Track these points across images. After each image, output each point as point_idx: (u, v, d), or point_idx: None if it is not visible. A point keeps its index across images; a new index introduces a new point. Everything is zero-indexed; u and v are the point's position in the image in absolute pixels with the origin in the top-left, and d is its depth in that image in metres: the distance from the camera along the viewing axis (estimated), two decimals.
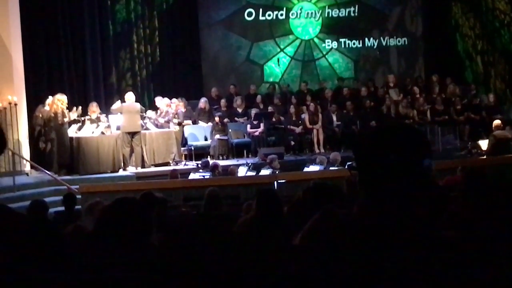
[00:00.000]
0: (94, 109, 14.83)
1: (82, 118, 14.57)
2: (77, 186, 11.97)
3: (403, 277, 1.67)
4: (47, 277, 2.16)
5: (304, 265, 1.75)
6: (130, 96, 14.67)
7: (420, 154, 1.87)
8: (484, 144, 14.04)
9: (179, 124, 15.80)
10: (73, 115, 14.15)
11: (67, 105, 14.03)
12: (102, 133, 14.44)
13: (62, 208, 9.17)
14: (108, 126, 14.66)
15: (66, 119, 13.87)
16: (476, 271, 1.67)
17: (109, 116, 14.82)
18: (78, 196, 9.97)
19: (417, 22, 20.90)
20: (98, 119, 14.65)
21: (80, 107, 14.34)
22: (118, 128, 14.72)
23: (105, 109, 15.41)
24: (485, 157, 13.58)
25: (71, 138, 14.00)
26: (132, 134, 14.32)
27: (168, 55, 18.50)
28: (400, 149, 1.84)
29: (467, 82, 19.95)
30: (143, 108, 15.13)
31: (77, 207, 8.88)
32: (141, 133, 14.61)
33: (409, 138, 1.88)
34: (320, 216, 1.82)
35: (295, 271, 1.70)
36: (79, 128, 14.45)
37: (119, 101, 14.81)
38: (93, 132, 14.32)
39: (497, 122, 13.89)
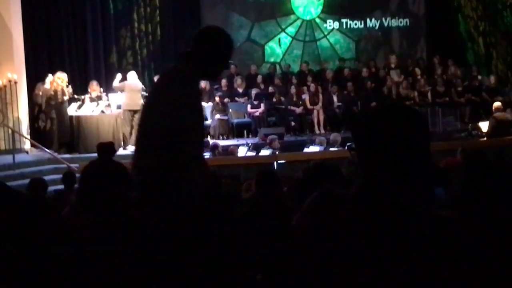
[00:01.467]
0: (94, 87, 14.83)
1: (82, 97, 14.55)
2: (77, 165, 11.97)
3: (402, 257, 1.67)
4: (46, 255, 2.16)
5: (302, 244, 1.75)
6: (132, 75, 14.69)
7: (420, 136, 1.86)
8: (484, 126, 14.04)
9: None
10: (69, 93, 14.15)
11: (67, 83, 14.02)
12: (102, 112, 14.44)
13: (61, 187, 9.18)
14: (108, 105, 14.66)
15: (66, 97, 13.87)
16: (475, 252, 1.67)
17: (109, 94, 14.80)
18: (78, 175, 9.97)
19: (420, 2, 20.81)
20: (98, 98, 14.64)
21: (70, 87, 14.25)
22: (118, 107, 14.70)
23: (106, 87, 15.38)
24: (485, 139, 13.59)
25: (71, 117, 14.01)
26: (133, 113, 14.29)
27: (169, 34, 18.45)
28: (399, 130, 1.84)
29: (469, 64, 19.90)
30: (144, 87, 15.12)
31: (76, 185, 8.89)
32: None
33: (408, 119, 1.87)
34: (318, 196, 1.82)
35: (293, 250, 1.70)
36: (79, 107, 14.45)
37: (120, 75, 14.78)
38: (93, 111, 14.32)
39: (497, 104, 13.87)
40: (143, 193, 2.96)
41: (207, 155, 12.38)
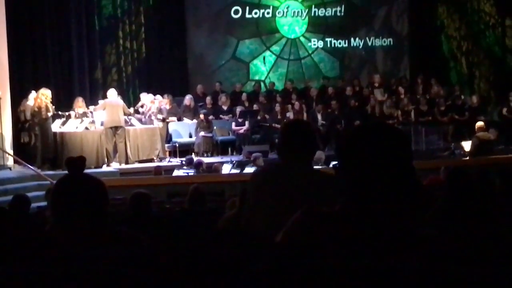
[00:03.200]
0: (80, 104, 14.80)
1: (67, 113, 14.51)
2: None
3: (385, 275, 1.67)
4: (29, 271, 2.15)
5: (285, 262, 1.75)
6: (112, 92, 14.67)
7: (402, 154, 1.87)
8: (467, 145, 14.13)
9: (163, 120, 15.78)
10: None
11: (51, 100, 13.96)
12: (86, 128, 14.39)
13: (45, 203, 9.11)
14: (93, 122, 14.61)
15: (50, 114, 13.81)
16: (458, 269, 1.68)
17: (95, 112, 14.75)
18: None
19: (403, 22, 20.99)
20: (83, 114, 14.60)
21: (52, 107, 14.19)
22: (102, 124, 14.67)
23: (90, 104, 15.36)
24: (468, 158, 13.67)
25: (55, 133, 13.95)
26: (115, 129, 14.26)
27: (154, 51, 18.47)
28: (382, 148, 1.85)
29: (452, 83, 20.05)
30: (126, 107, 15.05)
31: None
32: (126, 129, 14.56)
33: (391, 137, 1.88)
34: (302, 213, 1.82)
35: (277, 268, 1.70)
36: (64, 123, 14.39)
37: (101, 101, 14.81)
38: (77, 127, 14.27)
39: (480, 123, 13.97)
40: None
41: (191, 172, 12.37)
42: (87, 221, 2.63)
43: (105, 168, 13.97)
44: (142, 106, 16.06)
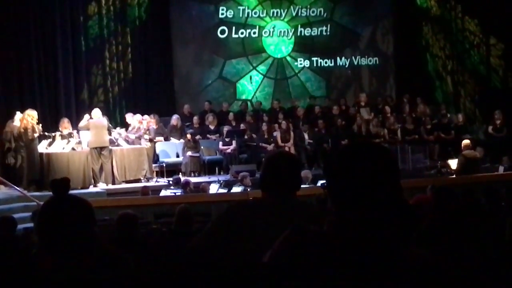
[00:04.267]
0: (65, 125, 14.78)
1: (53, 134, 14.46)
2: None
3: None
4: None
5: (273, 282, 1.75)
6: (96, 113, 14.63)
7: (389, 173, 1.88)
8: (453, 163, 14.18)
9: (151, 140, 15.76)
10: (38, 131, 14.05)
11: (37, 121, 13.92)
12: (73, 149, 14.34)
13: (31, 225, 9.05)
14: (79, 142, 14.56)
15: (36, 135, 13.76)
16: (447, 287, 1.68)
17: (80, 132, 14.71)
18: None
19: (388, 42, 21.12)
20: (69, 135, 14.56)
21: (39, 128, 14.13)
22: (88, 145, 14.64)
23: (77, 125, 15.32)
24: (454, 176, 13.72)
25: (41, 154, 13.89)
26: (100, 149, 14.24)
27: (141, 72, 18.47)
28: (369, 167, 1.85)
29: (437, 102, 20.17)
30: (110, 125, 15.02)
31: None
32: (112, 149, 14.54)
33: (378, 156, 1.89)
34: (290, 233, 1.82)
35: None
36: (50, 144, 14.33)
37: (87, 116, 14.70)
38: (63, 148, 14.22)
39: (466, 141, 14.04)
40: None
41: (178, 192, 12.33)
42: (74, 243, 2.61)
43: (92, 189, 13.91)
44: (129, 127, 16.04)
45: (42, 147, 14.15)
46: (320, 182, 12.15)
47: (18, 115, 13.99)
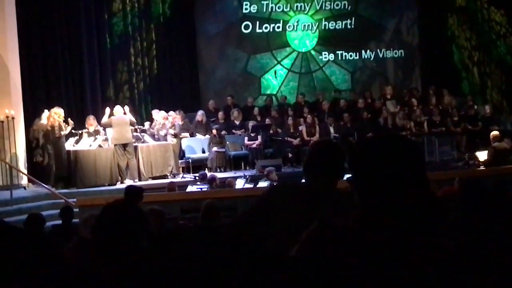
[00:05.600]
0: (91, 122, 14.85)
1: (80, 131, 14.56)
2: (75, 200, 11.94)
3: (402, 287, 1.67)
4: None
5: (300, 276, 1.75)
6: (118, 110, 14.72)
7: (416, 166, 1.87)
8: (481, 155, 14.03)
9: (176, 136, 15.81)
10: (67, 129, 14.14)
11: (64, 118, 14.04)
12: (100, 146, 14.44)
13: (59, 222, 9.14)
14: (106, 139, 14.65)
15: (63, 132, 13.88)
16: (473, 280, 1.67)
17: (107, 129, 14.79)
18: (76, 210, 9.94)
19: (413, 33, 20.97)
20: (96, 132, 14.66)
21: (71, 121, 14.27)
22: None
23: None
24: (482, 168, 13.58)
25: (69, 151, 14.00)
26: (124, 146, 14.33)
27: (166, 68, 18.54)
28: (395, 160, 1.85)
29: (464, 93, 19.98)
30: (134, 120, 15.03)
31: (74, 220, 8.86)
32: (138, 146, 14.64)
33: (404, 149, 1.88)
34: (315, 227, 1.82)
35: (291, 282, 1.70)
36: (77, 141, 14.44)
37: (108, 110, 14.70)
38: (90, 145, 14.32)
39: (495, 133, 13.88)
40: None
41: (205, 187, 12.36)
42: (125, 251, 2.63)
43: (119, 185, 14.00)
44: (152, 124, 16.10)
45: (69, 145, 14.28)
46: (345, 176, 12.12)
47: (45, 113, 14.11)
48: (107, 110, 14.73)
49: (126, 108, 14.96)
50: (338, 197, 3.19)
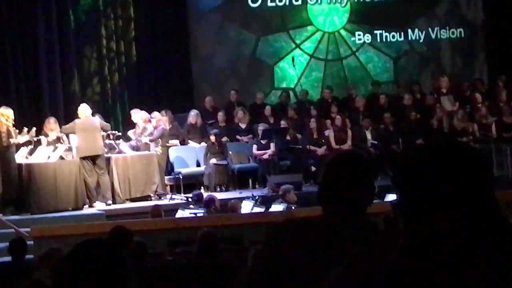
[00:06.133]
0: (52, 126, 14.80)
1: (35, 139, 14.51)
2: (28, 229, 11.93)
3: None
4: None
5: None
6: (84, 109, 14.59)
7: (480, 182, 1.87)
8: None
9: (161, 145, 15.75)
10: (23, 138, 14.11)
11: (13, 122, 14.01)
12: (62, 158, 14.43)
13: (7, 259, 9.15)
14: (69, 149, 14.65)
15: (12, 140, 13.83)
16: None
17: (71, 136, 14.75)
18: (30, 242, 9.94)
19: (476, 7, 20.93)
20: (57, 140, 14.62)
21: (34, 129, 14.26)
22: None
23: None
24: None
25: (20, 165, 13.98)
26: (93, 159, 14.28)
27: (148, 54, 18.54)
28: (453, 174, 1.84)
29: None
30: (107, 124, 14.98)
31: (28, 256, 8.87)
32: (112, 157, 14.62)
33: (465, 160, 1.88)
34: (351, 262, 1.82)
35: None
36: (31, 152, 14.43)
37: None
38: (49, 157, 14.29)
39: None
40: None
41: (200, 212, 12.38)
42: None
43: (86, 210, 14.00)
44: (134, 128, 16.09)
45: (21, 156, 14.27)
46: (388, 197, 12.08)
47: None
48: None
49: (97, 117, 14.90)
50: (368, 229, 3.10)
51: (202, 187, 15.52)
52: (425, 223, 1.84)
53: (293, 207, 12.82)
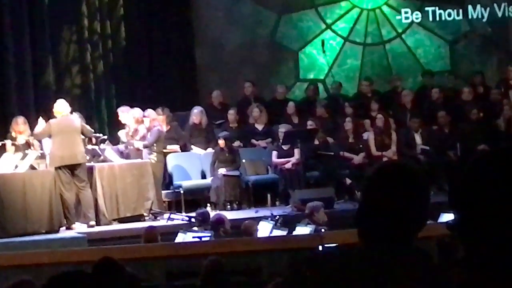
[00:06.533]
0: (20, 128, 14.88)
1: (0, 143, 14.57)
2: None
3: None
4: None
5: None
6: (61, 107, 14.55)
7: None
8: None
9: (153, 149, 15.75)
10: None
11: None
12: (32, 167, 14.47)
13: None
14: (42, 156, 14.69)
15: None
16: None
17: (44, 141, 14.78)
18: None
19: None
20: (27, 145, 14.68)
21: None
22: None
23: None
24: None
25: None
26: (72, 169, 14.29)
27: (140, 37, 18.60)
28: None
29: None
30: (89, 128, 14.92)
31: None
32: (96, 167, 14.63)
33: None
34: None
35: None
36: None
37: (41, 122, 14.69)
38: (16, 166, 14.35)
39: None
40: None
41: (206, 235, 12.39)
42: None
43: (63, 233, 14.03)
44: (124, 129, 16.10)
45: None
46: (443, 217, 12.06)
47: None
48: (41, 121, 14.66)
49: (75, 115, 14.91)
50: (419, 260, 3.07)
51: (208, 205, 15.56)
52: (492, 250, 1.84)
53: (322, 230, 12.82)
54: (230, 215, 14.04)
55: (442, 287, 1.96)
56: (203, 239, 12.31)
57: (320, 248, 11.20)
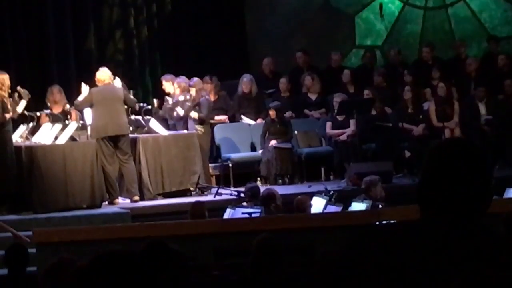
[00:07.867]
0: (56, 97, 14.92)
1: (38, 114, 14.61)
2: (30, 233, 12.07)
3: None
4: None
5: None
6: (103, 75, 14.52)
7: None
8: None
9: (203, 121, 15.72)
10: (20, 105, 14.13)
11: (10, 91, 14.08)
12: (73, 138, 14.50)
13: (3, 271, 9.27)
14: (83, 127, 14.72)
15: (8, 115, 13.91)
16: None
17: (85, 111, 14.78)
18: (32, 250, 10.06)
19: None
20: (66, 115, 14.71)
21: (24, 91, 14.18)
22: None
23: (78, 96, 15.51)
24: None
25: (19, 149, 14.10)
26: (114, 140, 14.33)
27: (187, 1, 18.60)
28: None
29: None
30: (132, 97, 14.90)
31: (29, 269, 8.97)
32: (139, 139, 14.64)
33: None
34: (462, 282, 1.82)
35: None
36: (32, 131, 14.54)
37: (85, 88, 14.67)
38: (56, 138, 14.38)
39: None
40: None
41: (257, 212, 12.40)
42: None
43: (106, 208, 14.09)
44: (167, 96, 16.08)
45: (19, 136, 14.39)
46: (509, 192, 11.99)
47: None
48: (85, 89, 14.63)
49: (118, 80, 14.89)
50: (484, 238, 3.06)
51: (258, 179, 15.57)
52: None
53: (380, 206, 12.80)
54: (281, 190, 14.04)
55: (508, 265, 1.95)
56: (252, 215, 12.33)
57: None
